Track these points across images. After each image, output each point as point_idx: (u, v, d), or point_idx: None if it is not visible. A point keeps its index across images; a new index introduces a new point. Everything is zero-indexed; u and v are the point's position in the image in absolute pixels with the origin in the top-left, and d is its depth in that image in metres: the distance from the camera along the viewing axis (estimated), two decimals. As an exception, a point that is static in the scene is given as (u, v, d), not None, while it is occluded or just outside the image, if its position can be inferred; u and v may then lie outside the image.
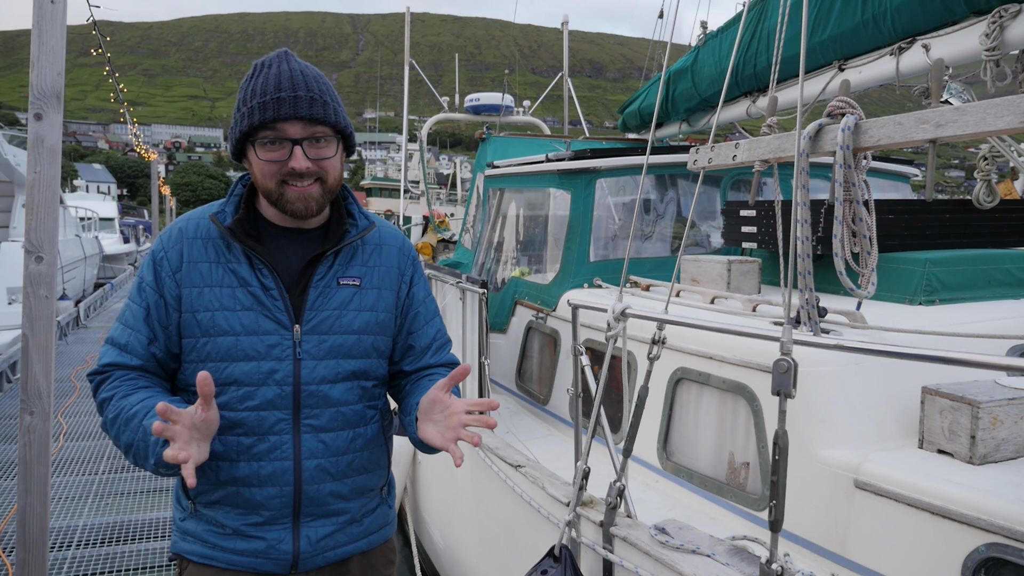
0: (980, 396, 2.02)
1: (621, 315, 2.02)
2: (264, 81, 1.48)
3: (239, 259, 1.54)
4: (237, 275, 1.53)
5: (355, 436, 1.60)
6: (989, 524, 1.74)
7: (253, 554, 1.54)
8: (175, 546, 1.64)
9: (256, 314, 1.51)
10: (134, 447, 1.42)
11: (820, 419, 2.23)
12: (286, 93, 1.45)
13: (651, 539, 1.91)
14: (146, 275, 1.57)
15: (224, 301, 1.51)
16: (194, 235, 1.57)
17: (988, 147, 3.63)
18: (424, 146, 10.73)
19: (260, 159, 1.49)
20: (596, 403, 2.10)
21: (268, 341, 1.51)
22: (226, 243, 1.55)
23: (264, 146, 1.48)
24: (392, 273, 1.67)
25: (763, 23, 3.94)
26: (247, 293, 1.52)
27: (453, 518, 3.70)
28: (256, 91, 1.47)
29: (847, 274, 1.89)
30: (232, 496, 1.53)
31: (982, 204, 3.50)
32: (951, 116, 1.40)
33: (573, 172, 4.08)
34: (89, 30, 15.44)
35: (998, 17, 2.77)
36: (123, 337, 1.55)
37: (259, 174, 1.51)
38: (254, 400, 1.51)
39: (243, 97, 1.51)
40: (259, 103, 1.45)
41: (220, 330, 1.51)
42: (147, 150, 35.47)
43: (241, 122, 1.49)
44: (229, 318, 1.51)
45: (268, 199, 1.54)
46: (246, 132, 1.48)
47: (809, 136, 1.72)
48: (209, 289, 1.52)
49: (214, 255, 1.55)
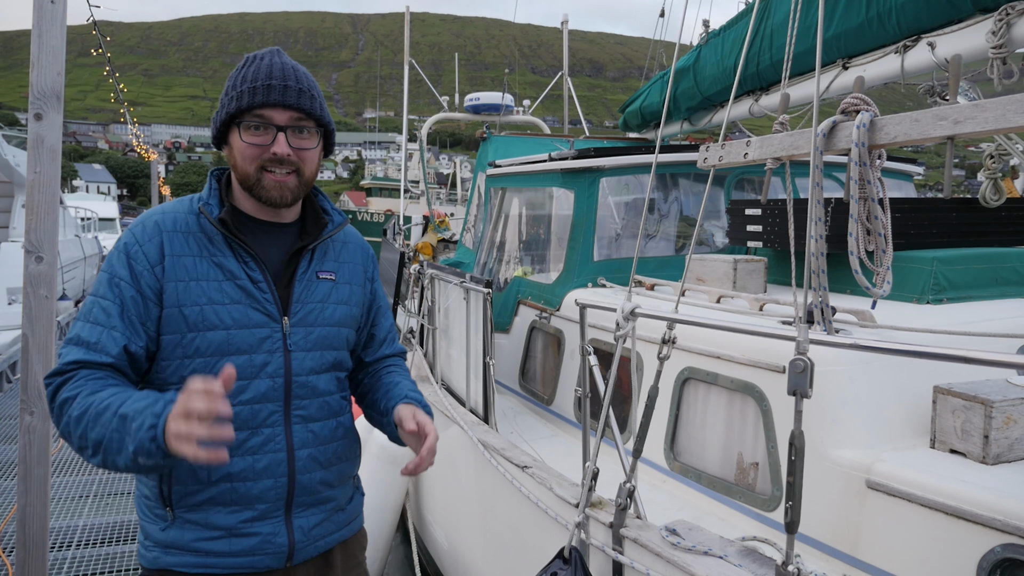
0: (993, 395, 2.00)
1: (631, 315, 2.00)
2: (255, 70, 1.52)
3: (224, 252, 1.53)
4: (223, 268, 1.52)
5: (337, 425, 1.66)
6: (1005, 524, 1.72)
7: (249, 552, 1.52)
8: (156, 562, 1.52)
9: (246, 307, 1.52)
10: (105, 442, 1.33)
11: (831, 419, 2.21)
12: (276, 81, 1.50)
13: (662, 540, 1.89)
14: (119, 269, 1.49)
15: (212, 295, 1.50)
16: (173, 228, 1.53)
17: (995, 145, 3.61)
18: (424, 146, 10.71)
19: (243, 141, 1.51)
20: (605, 404, 2.08)
21: (259, 334, 1.52)
22: (208, 236, 1.54)
23: (249, 130, 1.51)
24: (358, 269, 1.75)
25: (766, 21, 3.92)
26: (235, 286, 1.52)
27: (458, 519, 3.68)
28: (247, 78, 1.52)
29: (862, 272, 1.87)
30: (225, 493, 1.50)
31: (988, 202, 3.48)
32: (970, 113, 1.38)
33: (576, 171, 4.06)
34: (89, 30, 15.42)
35: (1004, 15, 2.75)
36: (92, 335, 1.45)
37: (240, 157, 1.53)
38: (247, 394, 1.50)
39: (232, 83, 1.55)
40: (249, 88, 1.50)
41: (210, 324, 1.49)
42: (147, 150, 35.48)
43: (228, 104, 1.52)
44: (219, 312, 1.50)
45: (244, 184, 1.55)
46: (233, 114, 1.51)
47: (823, 133, 1.70)
48: (195, 283, 1.50)
49: (196, 248, 1.52)
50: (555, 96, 12.04)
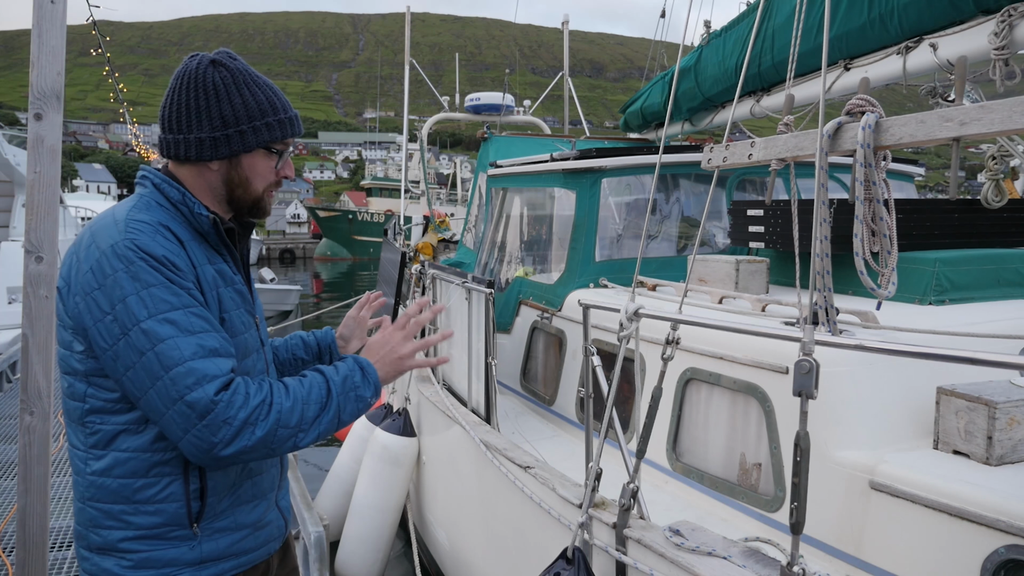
0: (997, 396, 2.00)
1: (634, 315, 2.00)
2: (267, 96, 1.56)
3: (224, 258, 1.58)
4: (223, 275, 1.55)
5: None
6: (1009, 526, 1.72)
7: (266, 541, 1.61)
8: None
9: (243, 311, 1.59)
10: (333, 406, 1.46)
11: (834, 420, 2.20)
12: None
13: (666, 541, 1.88)
14: (167, 272, 1.38)
15: (227, 302, 1.54)
16: (187, 237, 1.48)
17: (997, 147, 3.61)
18: (424, 146, 10.70)
19: (266, 165, 1.58)
20: (608, 404, 2.07)
21: (252, 335, 1.61)
22: (210, 244, 1.54)
23: (272, 155, 1.59)
24: None
25: (768, 22, 3.91)
26: (234, 291, 1.57)
27: (460, 519, 3.67)
28: (276, 107, 1.56)
29: (867, 273, 1.86)
30: (247, 490, 1.57)
31: (990, 204, 3.48)
32: (976, 114, 1.37)
33: (578, 171, 4.06)
34: (89, 30, 15.41)
35: (1007, 16, 2.75)
36: (209, 342, 1.38)
37: (255, 179, 1.58)
38: None
39: (260, 110, 1.53)
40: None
41: (236, 330, 1.55)
42: (147, 150, 35.45)
43: (264, 132, 1.54)
44: (240, 317, 1.57)
45: (245, 201, 1.59)
46: (269, 142, 1.56)
47: (829, 134, 1.69)
48: (222, 290, 1.53)
49: (205, 257, 1.51)
50: (555, 96, 12.03)
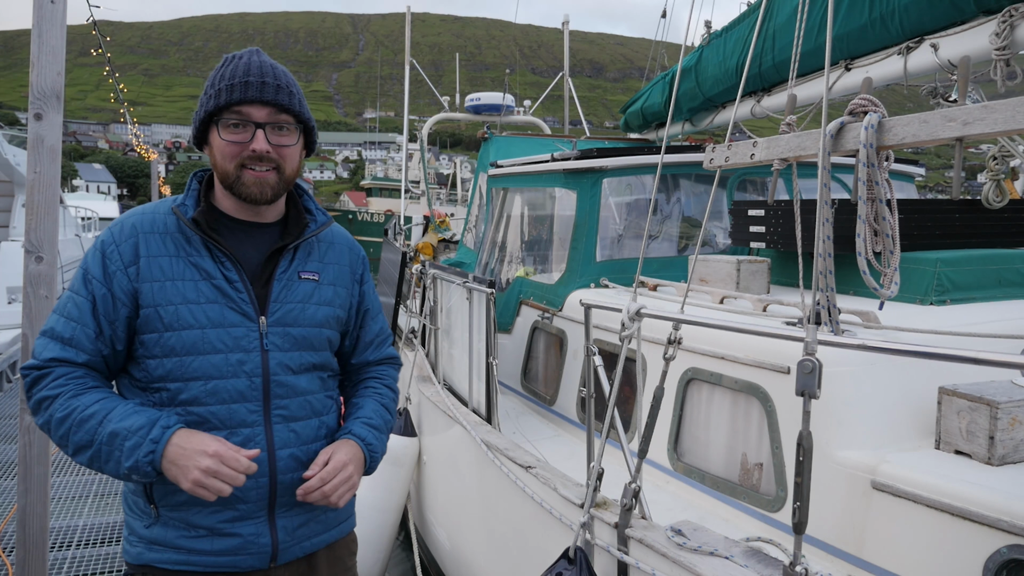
0: (998, 396, 2.00)
1: (636, 315, 2.00)
2: (233, 68, 1.53)
3: (200, 252, 1.54)
4: (199, 268, 1.53)
5: (320, 424, 1.64)
6: (1011, 525, 1.72)
7: (231, 552, 1.52)
8: (139, 557, 1.54)
9: (221, 306, 1.52)
10: (92, 452, 1.42)
11: (836, 420, 2.20)
12: (253, 78, 1.51)
13: (667, 541, 1.88)
14: (92, 267, 1.52)
15: (187, 295, 1.51)
16: (150, 230, 1.54)
17: (998, 147, 3.61)
18: (424, 146, 10.71)
19: (222, 139, 1.52)
20: (610, 404, 2.07)
21: (235, 333, 1.52)
22: (185, 237, 1.55)
23: (228, 127, 1.52)
24: (345, 271, 1.73)
25: (769, 22, 3.91)
26: (211, 286, 1.53)
27: (460, 519, 3.67)
28: (225, 76, 1.53)
29: (870, 273, 1.86)
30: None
31: (991, 204, 3.48)
32: (979, 114, 1.37)
33: (579, 171, 4.06)
34: (89, 30, 15.40)
35: (1008, 16, 2.75)
36: (67, 330, 1.49)
37: (219, 156, 1.54)
38: (222, 393, 1.51)
39: (210, 83, 1.55)
40: (227, 85, 1.50)
41: (184, 323, 1.50)
42: (147, 150, 35.44)
43: (207, 103, 1.53)
44: (194, 311, 1.51)
45: (225, 183, 1.55)
46: (211, 112, 1.52)
47: (831, 134, 1.69)
48: (171, 283, 1.51)
49: (173, 249, 1.53)
50: (556, 96, 12.04)
